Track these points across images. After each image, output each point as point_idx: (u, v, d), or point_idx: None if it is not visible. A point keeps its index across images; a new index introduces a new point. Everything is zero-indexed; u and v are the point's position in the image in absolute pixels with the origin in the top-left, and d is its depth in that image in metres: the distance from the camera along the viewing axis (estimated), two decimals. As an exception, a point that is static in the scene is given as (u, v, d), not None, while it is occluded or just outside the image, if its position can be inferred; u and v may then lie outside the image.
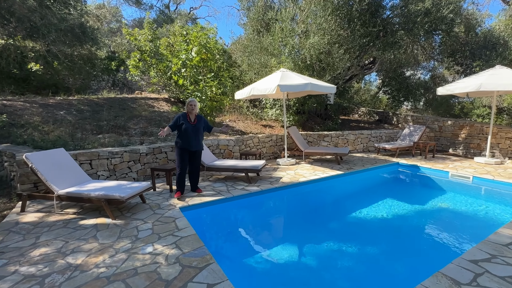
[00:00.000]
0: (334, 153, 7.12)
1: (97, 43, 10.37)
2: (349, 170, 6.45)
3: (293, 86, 5.96)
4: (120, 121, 8.71)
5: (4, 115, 7.05)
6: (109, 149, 5.48)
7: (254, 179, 5.71)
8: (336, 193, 5.76)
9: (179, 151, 4.58)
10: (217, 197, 4.53)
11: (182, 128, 4.52)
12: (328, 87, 6.63)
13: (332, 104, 9.60)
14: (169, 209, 4.03)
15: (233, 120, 10.07)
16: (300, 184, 5.48)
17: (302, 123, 9.70)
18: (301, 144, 7.54)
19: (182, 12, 25.32)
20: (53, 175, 4.02)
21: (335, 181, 6.03)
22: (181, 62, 7.69)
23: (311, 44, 7.27)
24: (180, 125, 4.54)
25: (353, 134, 8.91)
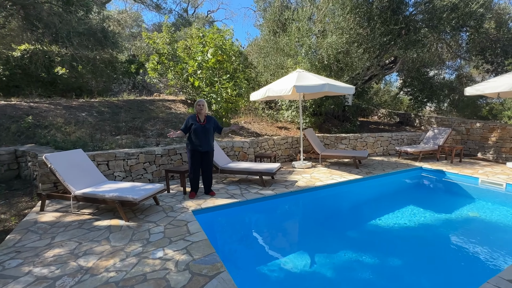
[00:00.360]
0: (352, 156, 6.84)
1: (118, 47, 10.66)
2: (369, 175, 6.16)
3: (310, 87, 5.78)
4: (137, 123, 8.87)
5: (30, 117, 7.38)
6: (125, 150, 5.55)
7: (269, 183, 5.57)
8: (354, 198, 5.50)
9: (190, 153, 4.60)
10: (231, 200, 4.44)
11: (191, 129, 4.52)
12: (346, 88, 6.39)
13: (350, 105, 9.28)
14: (182, 212, 3.98)
15: (248, 122, 10.00)
16: (316, 188, 5.28)
17: (319, 125, 9.45)
18: (317, 147, 7.32)
19: (200, 16, 25.71)
20: (70, 176, 4.10)
21: (354, 186, 5.77)
22: (197, 63, 7.71)
23: (329, 43, 7.04)
24: (190, 126, 4.53)
25: (372, 137, 8.55)
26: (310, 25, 7.66)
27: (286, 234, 3.98)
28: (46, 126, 7.47)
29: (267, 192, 4.92)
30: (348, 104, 9.28)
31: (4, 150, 5.75)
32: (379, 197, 5.61)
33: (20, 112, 7.72)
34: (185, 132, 4.59)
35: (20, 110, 7.84)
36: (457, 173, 6.35)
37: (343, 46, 7.21)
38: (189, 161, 4.63)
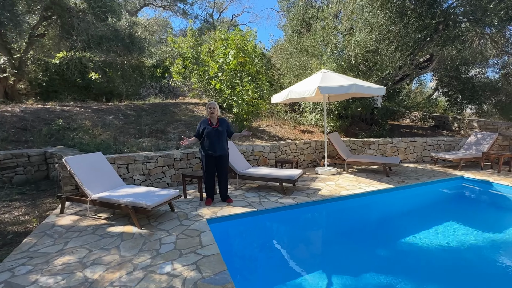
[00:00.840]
0: (382, 163, 6.29)
1: (144, 52, 10.95)
2: (401, 184, 5.59)
3: (335, 88, 5.37)
4: (160, 126, 8.96)
5: (60, 120, 7.71)
6: (144, 154, 5.54)
7: (290, 190, 5.25)
8: (384, 211, 4.98)
9: (203, 158, 4.43)
10: (247, 209, 4.18)
11: (204, 133, 4.34)
12: (376, 89, 5.89)
13: (380, 108, 8.64)
14: (196, 220, 3.80)
15: (270, 125, 9.72)
16: (342, 198, 4.86)
17: (345, 128, 8.91)
18: (343, 152, 6.85)
19: (225, 20, 25.98)
20: (88, 179, 4.09)
21: (384, 197, 5.25)
22: (218, 66, 7.60)
23: (356, 41, 6.57)
24: (203, 130, 4.35)
25: (404, 142, 7.86)
26: (336, 24, 7.23)
27: (306, 250, 3.63)
28: (75, 128, 7.74)
29: (287, 201, 4.60)
30: (377, 107, 8.66)
31: (34, 152, 5.99)
32: (413, 210, 5.04)
33: (52, 115, 8.11)
34: (198, 137, 4.42)
35: (52, 113, 8.23)
36: (507, 185, 5.56)
37: (372, 44, 6.69)
38: (203, 166, 4.47)
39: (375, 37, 6.60)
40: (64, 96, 11.49)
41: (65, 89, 12.04)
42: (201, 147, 4.44)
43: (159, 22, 25.02)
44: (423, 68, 8.50)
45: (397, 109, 10.73)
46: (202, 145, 4.42)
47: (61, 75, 11.66)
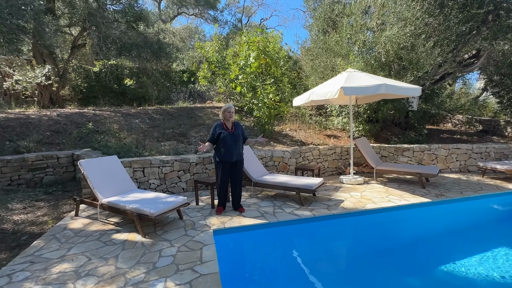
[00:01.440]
0: (417, 173, 5.57)
1: (171, 57, 11.22)
2: (440, 198, 4.85)
3: (361, 88, 4.86)
4: (183, 129, 9.02)
5: (90, 123, 8.08)
6: (160, 158, 5.49)
7: (308, 200, 4.82)
8: (417, 229, 4.31)
9: (219, 164, 4.18)
10: (258, 221, 3.86)
11: (220, 137, 4.09)
12: (410, 89, 5.24)
13: (415, 110, 7.79)
14: (202, 231, 3.57)
15: (294, 129, 9.31)
16: (367, 212, 4.31)
17: (375, 133, 8.19)
18: (372, 159, 6.22)
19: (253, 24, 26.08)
20: (101, 183, 4.09)
21: (417, 212, 4.58)
22: (239, 68, 7.43)
23: (387, 37, 5.94)
24: (218, 135, 4.10)
25: (445, 149, 6.95)
26: (365, 20, 6.64)
27: (320, 274, 3.19)
28: (103, 131, 8.05)
29: (304, 212, 4.19)
30: (412, 109, 7.82)
31: (63, 154, 6.27)
32: (454, 231, 4.29)
33: (84, 119, 8.53)
34: (213, 143, 4.18)
35: (85, 117, 8.67)
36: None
37: (406, 39, 6.00)
38: (217, 173, 4.23)
39: (409, 32, 5.91)
40: (102, 101, 12.25)
41: (103, 94, 12.82)
42: (216, 153, 4.20)
43: (191, 29, 25.86)
44: (468, 65, 7.49)
45: (437, 112, 9.66)
46: (217, 151, 4.18)
47: (100, 81, 12.41)
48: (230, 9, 26.14)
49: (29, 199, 5.21)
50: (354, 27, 6.68)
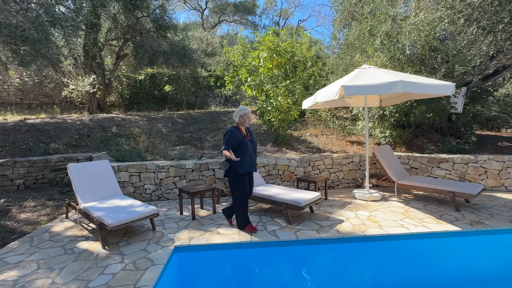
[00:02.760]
0: (449, 191, 4.45)
1: (195, 63, 11.43)
2: (476, 226, 3.74)
3: (368, 87, 4.05)
4: (201, 133, 9.02)
5: (114, 127, 8.58)
6: (156, 163, 5.43)
7: (301, 218, 4.19)
8: (436, 269, 3.31)
9: (240, 176, 3.55)
10: (229, 240, 3.42)
11: (241, 146, 3.51)
12: (438, 86, 4.23)
13: (460, 113, 6.37)
14: (163, 247, 3.28)
15: (315, 135, 8.55)
16: (366, 239, 3.51)
17: (408, 140, 6.97)
18: (394, 172, 5.22)
19: (289, 26, 25.47)
20: (84, 187, 4.13)
21: (438, 245, 3.57)
22: (247, 70, 7.07)
23: (414, 24, 4.91)
24: (239, 142, 3.51)
25: (498, 161, 5.50)
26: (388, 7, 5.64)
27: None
28: (125, 135, 8.47)
29: (286, 234, 3.60)
30: (456, 111, 6.42)
31: (83, 156, 6.70)
32: (496, 275, 3.19)
33: (112, 123, 9.11)
34: (233, 149, 3.52)
35: (113, 122, 9.26)
36: None
37: (437, 26, 4.88)
38: (238, 187, 3.58)
39: (441, 17, 4.79)
40: (145, 106, 13.19)
41: (146, 100, 13.79)
42: (234, 163, 3.50)
43: (231, 36, 26.44)
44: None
45: (497, 115, 7.85)
46: (239, 160, 3.47)
47: (143, 88, 13.34)
48: (268, 13, 26.01)
49: (45, 197, 5.63)
50: (377, 16, 5.74)
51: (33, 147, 7.22)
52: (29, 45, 4.98)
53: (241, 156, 3.47)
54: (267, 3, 24.64)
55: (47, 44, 4.95)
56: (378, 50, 5.42)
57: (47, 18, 7.67)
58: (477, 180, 5.64)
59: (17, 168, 6.19)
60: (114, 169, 5.22)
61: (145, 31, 11.27)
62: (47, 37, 4.94)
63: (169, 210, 4.70)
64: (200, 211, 4.65)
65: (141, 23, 11.17)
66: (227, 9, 24.81)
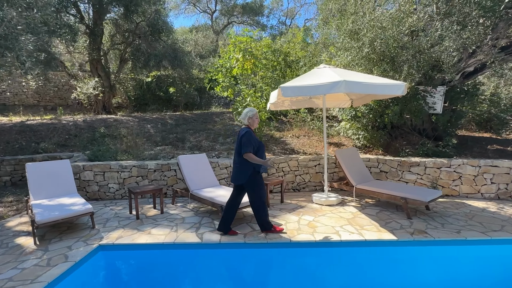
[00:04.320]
0: (402, 198, 4.20)
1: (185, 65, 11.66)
2: (420, 236, 3.49)
3: (307, 88, 3.93)
4: (186, 134, 9.17)
5: (102, 128, 8.96)
6: (119, 163, 5.62)
7: (241, 220, 4.15)
8: (355, 279, 3.08)
9: (260, 179, 3.53)
10: (153, 241, 3.47)
11: (260, 147, 3.47)
12: (388, 86, 4.02)
13: (440, 113, 5.96)
14: (88, 244, 3.41)
15: (296, 136, 8.40)
16: (289, 245, 3.40)
17: (387, 142, 6.64)
18: (354, 175, 5.01)
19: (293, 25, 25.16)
20: (38, 185, 4.37)
21: (365, 253, 3.38)
22: (220, 72, 7.10)
23: (373, 20, 4.66)
24: (259, 144, 3.47)
25: (472, 166, 5.09)
26: (356, 5, 5.37)
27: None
28: (114, 136, 8.81)
29: (212, 236, 3.59)
30: (435, 112, 6.01)
31: (65, 155, 7.08)
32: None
33: (103, 124, 9.52)
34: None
35: (104, 123, 9.67)
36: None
37: (399, 23, 4.59)
38: (259, 189, 3.51)
39: (403, 11, 4.50)
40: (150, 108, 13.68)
41: (152, 102, 14.28)
42: (255, 166, 3.43)
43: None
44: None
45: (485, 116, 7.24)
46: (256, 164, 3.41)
47: (150, 90, 13.83)
48: (274, 13, 25.90)
49: (24, 194, 6.00)
50: (342, 13, 5.51)
51: (25, 146, 7.72)
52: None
53: (261, 157, 3.45)
54: (273, 3, 24.55)
55: (16, 51, 5.27)
56: (340, 49, 5.21)
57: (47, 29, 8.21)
58: (450, 186, 5.27)
59: (4, 166, 6.66)
60: (79, 168, 5.48)
61: (143, 35, 11.68)
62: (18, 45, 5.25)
63: (123, 209, 4.85)
64: (151, 211, 4.75)
65: (140, 27, 11.59)
66: (235, 11, 25.03)
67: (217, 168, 5.73)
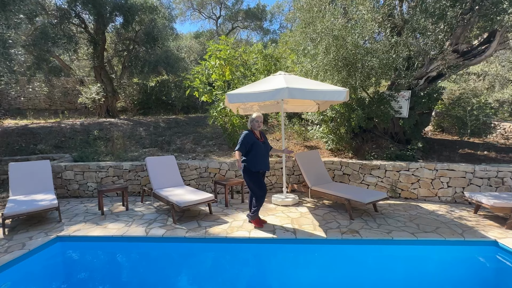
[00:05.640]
0: (346, 199, 4.38)
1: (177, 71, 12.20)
2: (348, 235, 3.68)
3: (250, 95, 4.23)
4: (174, 137, 9.62)
5: (96, 131, 9.56)
6: (97, 163, 6.08)
7: (192, 217, 4.47)
8: (274, 275, 3.28)
9: (254, 175, 3.94)
10: (104, 233, 3.85)
11: (253, 147, 3.91)
12: (330, 92, 4.24)
13: (407, 117, 6.03)
14: (47, 235, 3.83)
15: (277, 139, 8.65)
16: (224, 240, 3.68)
17: (358, 146, 6.76)
18: (311, 177, 5.21)
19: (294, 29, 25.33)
20: (18, 183, 4.88)
21: (291, 251, 3.60)
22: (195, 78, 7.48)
23: (326, 28, 4.85)
24: (252, 144, 3.92)
25: (429, 169, 5.16)
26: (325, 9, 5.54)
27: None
28: (107, 138, 9.38)
29: (158, 231, 3.93)
30: (401, 116, 6.09)
31: (58, 156, 7.65)
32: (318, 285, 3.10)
33: (98, 127, 10.13)
34: (244, 152, 3.94)
35: (100, 126, 10.28)
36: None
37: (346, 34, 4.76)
38: (253, 183, 3.94)
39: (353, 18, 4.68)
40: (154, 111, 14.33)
41: (156, 105, 14.95)
42: (249, 163, 3.92)
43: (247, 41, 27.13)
44: (476, 55, 5.28)
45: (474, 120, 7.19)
46: (250, 161, 3.91)
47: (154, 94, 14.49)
48: (276, 17, 26.25)
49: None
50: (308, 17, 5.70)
51: (24, 147, 8.39)
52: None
53: (254, 156, 3.90)
54: (274, 8, 24.90)
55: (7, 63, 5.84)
56: (301, 56, 5.45)
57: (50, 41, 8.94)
58: (409, 189, 5.36)
59: (1, 166, 7.30)
60: (61, 168, 5.99)
61: (141, 42, 12.31)
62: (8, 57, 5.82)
63: (95, 206, 5.27)
64: (119, 208, 5.15)
65: (139, 35, 12.23)
66: (239, 16, 25.60)
67: (187, 170, 6.08)
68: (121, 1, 10.89)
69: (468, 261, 3.45)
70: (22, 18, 6.44)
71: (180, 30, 37.57)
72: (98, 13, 10.68)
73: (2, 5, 4.62)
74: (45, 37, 9.23)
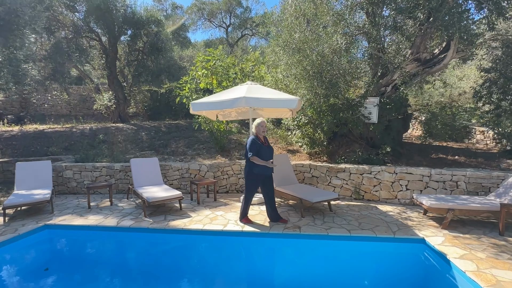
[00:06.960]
0: (299, 198, 4.77)
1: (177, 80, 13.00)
2: (290, 230, 4.08)
3: (211, 104, 4.79)
4: (171, 141, 10.35)
5: (101, 135, 10.50)
6: (93, 164, 6.86)
7: (162, 212, 5.06)
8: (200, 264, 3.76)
9: (255, 177, 4.26)
10: (83, 223, 4.51)
11: (259, 152, 4.17)
12: (282, 101, 4.70)
13: (376, 123, 6.28)
14: (38, 223, 4.55)
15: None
16: (180, 231, 4.23)
17: (333, 150, 7.07)
18: (278, 178, 5.61)
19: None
20: (21, 179, 5.71)
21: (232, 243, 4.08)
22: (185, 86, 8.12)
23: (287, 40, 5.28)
24: (258, 149, 4.17)
25: (389, 172, 5.40)
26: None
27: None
28: (111, 142, 10.29)
29: (128, 222, 4.54)
30: (371, 121, 6.34)
31: (65, 157, 8.59)
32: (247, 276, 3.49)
33: (106, 131, 11.09)
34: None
35: (106, 130, 11.24)
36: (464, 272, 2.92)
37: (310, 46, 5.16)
38: (250, 185, 4.32)
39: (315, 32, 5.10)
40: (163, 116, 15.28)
41: (166, 111, 15.93)
42: (252, 166, 4.19)
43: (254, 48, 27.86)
44: (436, 63, 5.45)
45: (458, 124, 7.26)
46: (254, 164, 4.17)
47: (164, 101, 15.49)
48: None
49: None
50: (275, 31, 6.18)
51: (39, 150, 9.44)
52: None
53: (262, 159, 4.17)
54: (281, 15, 25.36)
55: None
56: (269, 67, 5.92)
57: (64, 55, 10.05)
58: (371, 191, 5.62)
59: (16, 166, 8.31)
60: (62, 168, 6.82)
61: (148, 53, 13.31)
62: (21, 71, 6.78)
63: (86, 201, 6.00)
64: (105, 203, 5.84)
65: (146, 46, 13.24)
66: (247, 24, 26.42)
67: (170, 171, 6.70)
68: (130, 16, 11.90)
69: (395, 257, 3.73)
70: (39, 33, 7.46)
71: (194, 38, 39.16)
72: (108, 27, 11.76)
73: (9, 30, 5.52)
74: (59, 51, 10.38)
